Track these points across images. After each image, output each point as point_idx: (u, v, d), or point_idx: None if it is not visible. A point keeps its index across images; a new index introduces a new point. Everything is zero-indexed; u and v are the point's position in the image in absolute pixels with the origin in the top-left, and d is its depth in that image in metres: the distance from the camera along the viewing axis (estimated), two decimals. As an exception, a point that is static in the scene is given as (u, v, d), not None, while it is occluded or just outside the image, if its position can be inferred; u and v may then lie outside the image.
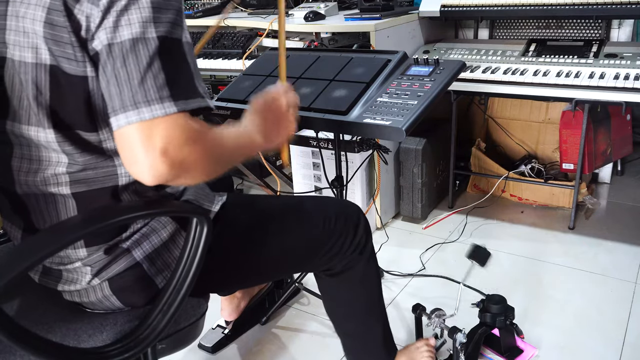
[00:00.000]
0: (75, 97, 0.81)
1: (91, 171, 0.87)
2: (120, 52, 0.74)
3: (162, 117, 0.73)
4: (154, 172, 0.73)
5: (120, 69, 0.74)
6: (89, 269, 0.92)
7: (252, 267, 1.12)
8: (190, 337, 1.05)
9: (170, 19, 0.77)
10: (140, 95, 0.73)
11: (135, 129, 0.73)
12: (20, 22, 0.80)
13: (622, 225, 2.29)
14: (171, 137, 0.73)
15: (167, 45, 0.76)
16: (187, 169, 0.75)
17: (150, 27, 0.75)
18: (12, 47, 0.82)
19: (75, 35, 0.77)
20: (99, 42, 0.75)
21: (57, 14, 0.77)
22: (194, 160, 0.76)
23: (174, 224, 0.97)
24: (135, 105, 0.73)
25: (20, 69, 0.82)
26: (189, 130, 0.75)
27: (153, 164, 0.72)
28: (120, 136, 0.74)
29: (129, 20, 0.74)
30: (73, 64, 0.78)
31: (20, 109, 0.85)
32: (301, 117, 1.32)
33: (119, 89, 0.74)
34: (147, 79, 0.74)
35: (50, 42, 0.78)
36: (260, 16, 2.49)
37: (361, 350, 1.37)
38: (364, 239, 1.25)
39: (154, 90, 0.74)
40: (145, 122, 0.72)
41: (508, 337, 1.56)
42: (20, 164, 0.89)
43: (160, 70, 0.74)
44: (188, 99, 0.76)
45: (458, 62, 1.48)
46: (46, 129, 0.84)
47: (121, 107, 0.73)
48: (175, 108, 0.74)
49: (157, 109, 0.73)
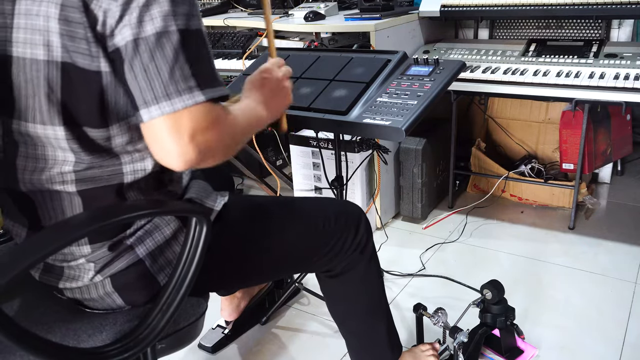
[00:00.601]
0: (88, 93, 0.82)
1: (97, 169, 0.88)
2: (147, 47, 0.76)
3: (192, 106, 0.77)
4: (184, 158, 0.77)
5: (148, 64, 0.77)
6: (93, 265, 0.92)
7: (252, 267, 1.13)
8: (189, 336, 1.05)
9: (187, 11, 0.80)
10: (172, 87, 0.77)
11: (166, 119, 0.77)
12: (32, 20, 0.81)
13: (622, 225, 2.29)
14: (197, 124, 0.78)
15: (188, 37, 0.79)
16: (212, 152, 0.80)
17: (170, 20, 0.78)
18: (22, 45, 0.83)
19: (91, 30, 0.78)
20: (122, 38, 0.77)
21: (72, 10, 0.78)
22: (216, 142, 0.80)
23: (177, 221, 0.98)
24: (167, 97, 0.77)
25: (32, 67, 0.82)
26: (212, 115, 0.80)
27: (183, 150, 0.77)
28: (150, 127, 0.78)
29: (151, 16, 0.76)
30: (87, 60, 0.79)
31: (28, 107, 0.85)
32: (301, 117, 1.32)
33: (149, 82, 0.77)
34: (175, 71, 0.77)
35: (65, 38, 0.79)
36: (260, 16, 2.49)
37: (365, 349, 1.37)
38: (364, 239, 1.25)
39: (182, 81, 0.77)
40: (177, 112, 0.77)
41: (508, 337, 1.56)
42: (26, 162, 0.89)
43: (185, 62, 0.78)
44: (214, 87, 0.81)
45: (458, 62, 1.47)
46: (56, 127, 0.84)
47: (153, 99, 0.77)
48: (204, 97, 0.78)
49: (187, 99, 0.77)
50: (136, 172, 0.90)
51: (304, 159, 2.36)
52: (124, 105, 0.84)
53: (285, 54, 1.75)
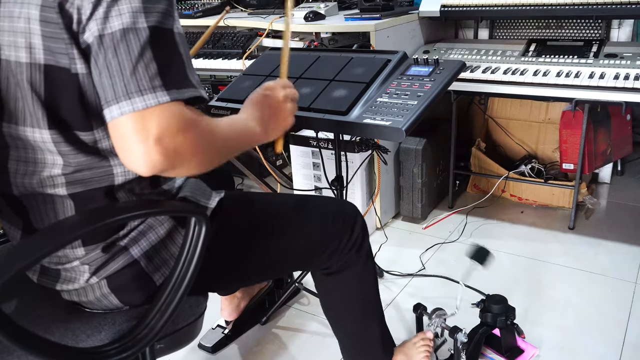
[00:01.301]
0: (70, 94, 0.81)
1: (87, 172, 0.87)
2: (112, 43, 0.73)
3: (155, 106, 0.73)
4: (149, 162, 0.72)
5: (111, 60, 0.73)
6: (87, 267, 0.92)
7: (250, 265, 1.12)
8: (188, 336, 1.05)
9: (161, 9, 0.77)
10: (133, 85, 0.73)
11: (129, 119, 0.72)
12: (14, 22, 0.80)
13: (622, 225, 2.29)
14: (164, 125, 0.73)
15: (159, 35, 0.76)
16: (181, 158, 0.75)
17: (140, 17, 0.75)
18: (7, 48, 0.82)
19: (67, 30, 0.76)
20: (90, 33, 0.75)
21: (50, 10, 0.77)
22: (188, 149, 0.75)
23: (171, 221, 0.97)
24: (127, 96, 0.72)
25: (17, 69, 0.82)
26: (182, 118, 0.75)
27: (147, 153, 0.72)
28: (113, 127, 0.74)
29: (119, 11, 0.74)
30: (67, 60, 0.78)
31: (16, 110, 0.84)
32: (301, 117, 1.31)
33: (111, 80, 0.73)
34: (139, 69, 0.73)
35: (47, 40, 0.78)
36: (260, 16, 2.49)
37: (358, 349, 1.37)
38: (360, 238, 1.25)
39: (146, 80, 0.73)
40: (139, 111, 0.72)
41: (509, 337, 1.56)
42: (17, 166, 0.89)
43: (151, 60, 0.74)
44: (180, 88, 0.76)
45: (458, 62, 1.47)
46: (42, 129, 0.84)
47: (114, 98, 0.73)
48: (168, 97, 0.74)
49: (150, 99, 0.73)
50: (127, 173, 0.89)
51: (304, 159, 2.36)
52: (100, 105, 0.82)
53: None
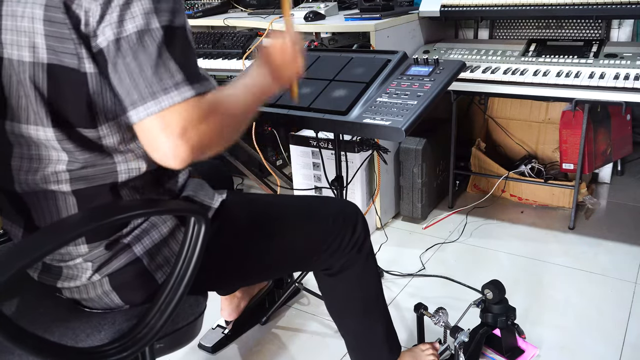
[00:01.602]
0: (76, 93, 0.81)
1: (91, 168, 0.88)
2: (128, 46, 0.75)
3: (180, 103, 0.76)
4: (178, 156, 0.76)
5: (131, 63, 0.75)
6: (90, 264, 0.92)
7: (250, 265, 1.12)
8: (188, 336, 1.05)
9: (170, 8, 0.79)
10: (156, 85, 0.75)
11: (155, 118, 0.75)
12: (18, 21, 0.81)
13: (622, 225, 2.29)
14: (188, 119, 0.76)
15: (172, 34, 0.78)
16: (208, 144, 0.79)
17: (153, 17, 0.76)
18: (10, 47, 0.82)
19: (75, 31, 0.77)
20: (104, 38, 0.76)
21: (55, 10, 0.77)
22: (212, 134, 0.79)
23: (174, 219, 0.98)
24: (153, 96, 0.75)
25: (19, 68, 0.82)
26: (202, 108, 0.78)
27: (175, 148, 0.75)
28: (141, 128, 0.77)
29: (131, 14, 0.75)
30: (75, 60, 0.79)
31: (19, 108, 0.85)
32: (301, 117, 1.32)
33: (134, 82, 0.76)
34: (159, 69, 0.76)
35: (51, 39, 0.79)
36: (260, 16, 2.49)
37: (363, 347, 1.37)
38: (362, 237, 1.25)
39: (167, 78, 0.76)
40: (165, 110, 0.75)
41: (509, 337, 1.56)
42: (21, 163, 0.89)
43: (169, 59, 0.77)
44: (199, 82, 0.79)
45: (458, 62, 1.47)
46: (46, 127, 0.84)
47: (140, 100, 0.75)
48: (193, 92, 0.77)
49: (174, 96, 0.76)
50: (130, 170, 0.90)
51: (304, 159, 2.36)
52: (112, 105, 0.83)
53: None
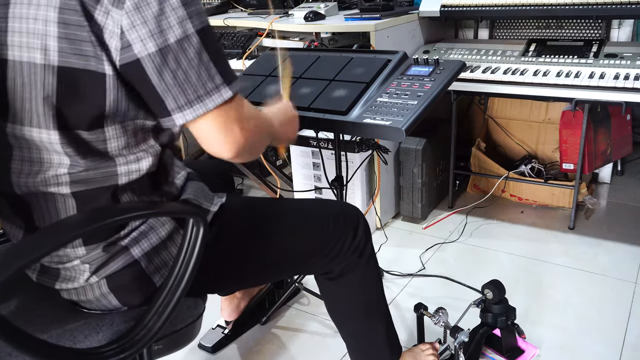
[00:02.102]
0: (87, 96, 0.81)
1: (92, 171, 0.88)
2: (172, 55, 0.79)
3: (227, 101, 0.84)
4: (235, 147, 0.85)
5: (176, 70, 0.80)
6: (88, 266, 0.92)
7: (250, 268, 1.12)
8: (187, 338, 1.05)
9: (197, 10, 0.81)
10: (201, 89, 0.82)
11: (208, 118, 0.83)
12: (30, 24, 0.80)
13: (622, 225, 2.29)
14: (239, 115, 0.86)
15: (205, 36, 0.82)
16: (254, 140, 0.89)
17: (187, 24, 0.80)
18: (19, 49, 0.82)
19: (95, 35, 0.78)
20: (144, 48, 0.78)
21: (71, 13, 0.77)
22: (258, 131, 0.90)
23: (173, 222, 0.97)
24: (199, 99, 0.82)
25: (30, 70, 0.82)
26: (247, 107, 0.89)
27: (233, 141, 0.85)
28: (194, 127, 0.85)
29: (169, 24, 0.78)
30: (90, 61, 0.79)
31: (22, 110, 0.84)
32: (301, 117, 1.32)
33: (181, 88, 0.81)
34: (202, 73, 0.81)
35: (64, 42, 0.79)
36: (260, 16, 2.49)
37: (364, 349, 1.37)
38: (363, 241, 1.24)
39: (210, 81, 0.82)
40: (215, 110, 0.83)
41: (509, 337, 1.56)
42: (21, 166, 0.89)
43: (209, 61, 0.82)
44: (234, 80, 0.86)
45: (458, 62, 1.47)
46: (50, 130, 0.84)
47: (187, 103, 0.81)
48: (231, 92, 0.84)
49: (217, 98, 0.83)
50: (130, 173, 0.90)
51: (304, 159, 2.35)
52: (124, 109, 0.83)
53: (285, 54, 1.75)
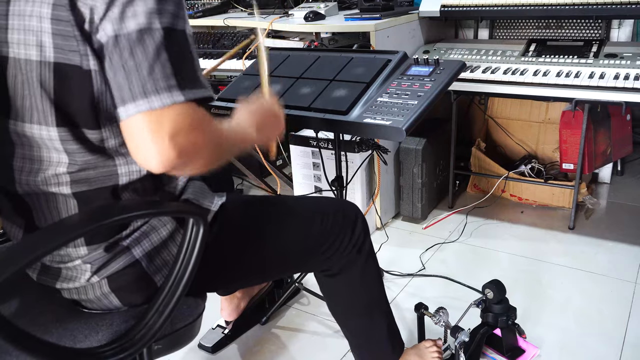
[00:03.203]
0: (81, 92, 0.81)
1: (92, 171, 0.88)
2: (127, 43, 0.75)
3: (171, 105, 0.75)
4: (163, 159, 0.75)
5: (128, 60, 0.75)
6: (89, 266, 0.92)
7: (250, 267, 1.12)
8: (187, 337, 1.05)
9: (173, 10, 0.79)
10: (150, 85, 0.75)
11: (145, 117, 0.75)
12: (25, 20, 0.81)
13: (622, 225, 2.29)
14: (179, 124, 0.76)
15: (172, 36, 0.78)
16: (193, 155, 0.78)
17: (155, 18, 0.76)
18: (17, 46, 0.82)
19: (78, 28, 0.77)
20: (104, 33, 0.76)
21: (62, 8, 0.78)
22: (199, 147, 0.78)
23: (174, 222, 0.97)
24: (144, 95, 0.75)
25: (27, 67, 0.82)
26: (195, 117, 0.78)
27: (162, 150, 0.74)
28: (128, 125, 0.76)
29: (134, 12, 0.75)
30: (78, 57, 0.79)
31: (24, 107, 0.85)
32: (301, 117, 1.32)
33: (128, 79, 0.75)
34: (155, 69, 0.76)
35: (57, 38, 0.79)
36: (260, 16, 2.49)
37: (367, 347, 1.37)
38: (362, 237, 1.25)
39: (162, 79, 0.76)
40: (155, 110, 0.75)
41: (510, 336, 1.56)
42: (23, 164, 0.89)
43: (166, 61, 0.77)
44: (193, 88, 0.79)
45: (458, 62, 1.47)
46: (50, 127, 0.84)
47: (130, 97, 0.75)
48: (183, 97, 0.77)
49: (165, 98, 0.75)
50: (131, 173, 0.90)
51: (304, 159, 2.35)
52: (112, 104, 0.83)
53: (285, 54, 1.75)
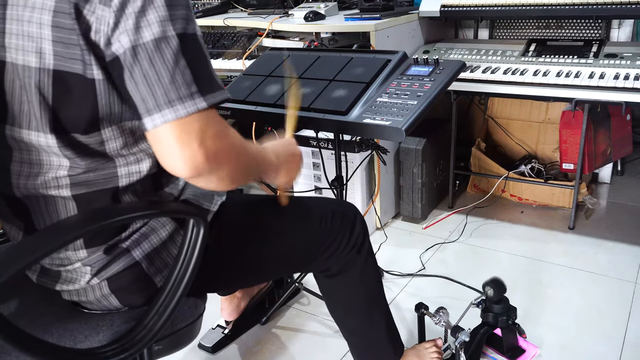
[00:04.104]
0: (81, 100, 0.80)
1: (92, 173, 0.87)
2: (146, 54, 0.75)
3: (196, 112, 0.76)
4: (193, 164, 0.76)
5: (148, 70, 0.75)
6: (89, 268, 0.92)
7: (249, 267, 1.12)
8: (187, 338, 1.05)
9: (183, 15, 0.79)
10: (173, 93, 0.76)
11: (172, 126, 0.76)
12: (24, 26, 0.80)
13: (622, 225, 2.29)
14: (205, 130, 0.77)
15: (186, 42, 0.78)
16: (220, 162, 0.79)
17: (168, 25, 0.76)
18: (15, 51, 0.81)
19: (83, 37, 0.76)
20: (120, 45, 0.75)
21: (65, 16, 0.76)
22: (226, 154, 0.80)
23: (173, 223, 0.97)
24: (170, 104, 0.75)
25: (25, 73, 0.81)
26: (219, 123, 0.80)
27: (192, 156, 0.76)
28: (156, 134, 0.77)
29: (147, 21, 0.75)
30: (81, 66, 0.78)
31: (21, 113, 0.84)
32: (301, 117, 1.32)
33: (151, 89, 0.76)
34: (176, 77, 0.76)
35: (58, 45, 0.78)
36: (260, 16, 2.49)
37: (365, 347, 1.37)
38: (361, 238, 1.25)
39: (184, 87, 0.76)
40: (181, 119, 0.75)
41: (510, 336, 1.56)
42: (20, 168, 0.89)
43: (186, 67, 0.77)
44: (213, 92, 0.79)
45: (458, 62, 1.47)
46: (47, 134, 0.83)
47: (155, 107, 0.76)
48: (206, 103, 0.77)
49: (190, 106, 0.76)
50: (131, 174, 0.90)
51: (304, 159, 2.35)
52: (118, 111, 0.83)
53: (285, 54, 1.75)
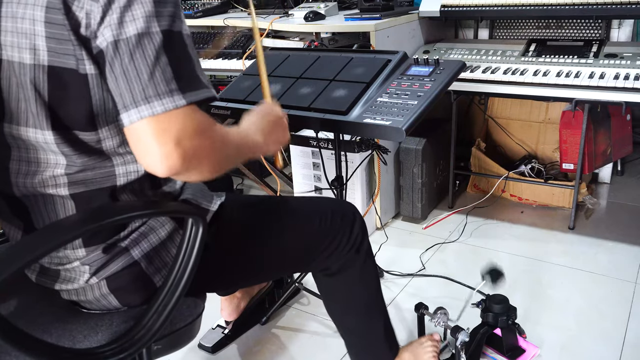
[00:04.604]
0: (76, 95, 0.81)
1: (89, 172, 0.87)
2: (127, 48, 0.74)
3: (173, 109, 0.75)
4: (168, 163, 0.74)
5: (128, 65, 0.75)
6: (87, 267, 0.92)
7: (249, 267, 1.13)
8: (186, 338, 1.05)
9: (170, 12, 0.78)
10: (151, 89, 0.75)
11: (148, 122, 0.74)
12: (18, 23, 0.80)
13: (622, 225, 2.29)
14: (183, 128, 0.75)
15: (171, 39, 0.77)
16: (198, 160, 0.77)
17: (153, 21, 0.76)
18: (10, 49, 0.82)
19: (74, 33, 0.77)
20: (104, 39, 0.75)
21: (56, 12, 0.77)
22: (204, 152, 0.78)
23: (172, 222, 0.97)
24: (146, 100, 0.74)
25: (21, 70, 0.81)
26: (198, 121, 0.77)
27: (167, 154, 0.74)
28: (132, 131, 0.76)
29: (132, 16, 0.74)
30: (74, 61, 0.78)
31: (18, 110, 0.84)
32: (301, 117, 1.32)
33: (129, 85, 0.75)
34: (156, 73, 0.75)
35: (51, 41, 0.78)
36: (260, 16, 2.49)
37: (363, 347, 1.38)
38: (360, 237, 1.25)
39: (163, 84, 0.75)
40: (158, 115, 0.74)
41: (510, 336, 1.56)
42: (19, 166, 0.89)
43: (167, 64, 0.76)
44: (195, 90, 0.78)
45: (458, 62, 1.47)
46: (45, 130, 0.84)
47: (132, 103, 0.75)
48: (185, 100, 0.76)
49: (168, 102, 0.75)
50: (129, 173, 0.90)
51: (304, 159, 2.35)
52: (113, 108, 0.82)
53: (285, 54, 1.75)
